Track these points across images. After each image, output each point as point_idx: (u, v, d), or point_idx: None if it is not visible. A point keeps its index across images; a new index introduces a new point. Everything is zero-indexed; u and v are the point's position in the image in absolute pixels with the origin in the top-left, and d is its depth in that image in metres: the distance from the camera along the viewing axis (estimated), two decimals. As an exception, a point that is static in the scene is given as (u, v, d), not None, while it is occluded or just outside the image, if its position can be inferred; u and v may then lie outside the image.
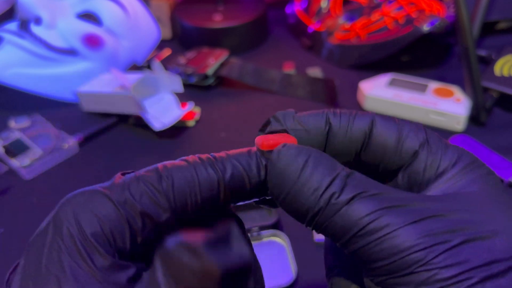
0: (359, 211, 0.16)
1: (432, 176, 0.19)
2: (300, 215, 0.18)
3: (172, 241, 0.17)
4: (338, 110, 0.20)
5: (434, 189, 0.19)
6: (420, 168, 0.19)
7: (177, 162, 0.18)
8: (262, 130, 0.21)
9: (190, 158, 0.19)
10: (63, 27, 0.59)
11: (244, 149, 0.20)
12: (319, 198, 0.17)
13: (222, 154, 0.19)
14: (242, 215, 0.44)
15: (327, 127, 0.20)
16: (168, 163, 0.18)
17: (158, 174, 0.18)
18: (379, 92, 0.56)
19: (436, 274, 0.15)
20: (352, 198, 0.17)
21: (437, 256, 0.16)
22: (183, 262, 0.17)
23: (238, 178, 0.19)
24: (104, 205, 0.17)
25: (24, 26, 0.59)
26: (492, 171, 0.19)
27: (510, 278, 0.16)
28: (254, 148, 0.20)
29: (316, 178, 0.17)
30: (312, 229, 0.18)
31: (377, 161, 0.20)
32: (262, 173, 0.19)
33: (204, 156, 0.19)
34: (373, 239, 0.16)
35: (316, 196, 0.17)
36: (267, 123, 0.21)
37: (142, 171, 0.18)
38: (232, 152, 0.19)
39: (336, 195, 0.17)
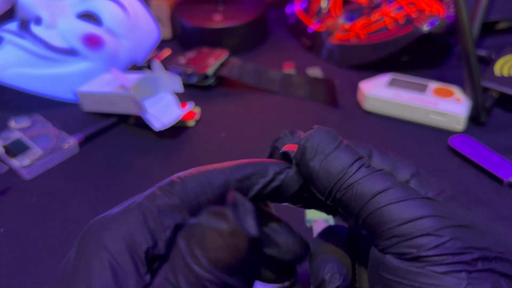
0: (374, 184, 0.19)
1: None
2: (326, 182, 0.20)
3: (196, 217, 0.17)
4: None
5: None
6: None
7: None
8: (274, 146, 0.23)
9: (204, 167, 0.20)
10: (63, 27, 0.59)
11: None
12: (346, 169, 0.20)
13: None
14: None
15: None
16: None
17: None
18: (379, 92, 0.56)
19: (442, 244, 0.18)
20: (370, 174, 0.19)
21: (444, 228, 0.18)
22: (209, 226, 0.16)
23: (248, 178, 0.20)
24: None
25: (24, 26, 0.59)
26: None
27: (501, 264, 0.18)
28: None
29: (347, 154, 0.20)
30: (331, 201, 0.20)
31: None
32: (281, 176, 0.21)
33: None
34: (383, 205, 0.19)
35: (344, 167, 0.20)
36: (277, 139, 0.23)
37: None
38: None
39: (358, 170, 0.20)
